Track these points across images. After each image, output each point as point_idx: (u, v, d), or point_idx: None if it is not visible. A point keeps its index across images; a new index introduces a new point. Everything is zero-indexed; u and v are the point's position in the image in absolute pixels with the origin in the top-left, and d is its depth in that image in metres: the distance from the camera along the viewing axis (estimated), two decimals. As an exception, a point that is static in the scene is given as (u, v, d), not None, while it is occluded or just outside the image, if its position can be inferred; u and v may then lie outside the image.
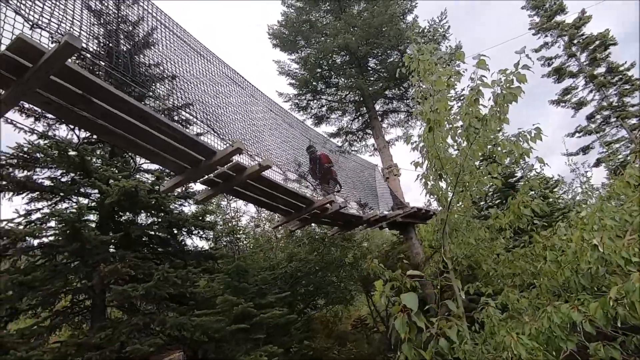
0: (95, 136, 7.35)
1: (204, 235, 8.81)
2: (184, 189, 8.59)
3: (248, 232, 12.24)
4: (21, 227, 6.54)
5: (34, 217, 6.81)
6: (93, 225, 7.33)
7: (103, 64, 3.94)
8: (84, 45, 3.30)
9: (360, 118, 13.55)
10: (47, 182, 6.96)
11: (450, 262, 4.40)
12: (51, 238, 6.70)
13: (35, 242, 6.68)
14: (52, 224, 6.59)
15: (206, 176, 3.92)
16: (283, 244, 11.78)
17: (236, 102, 5.87)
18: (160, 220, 7.95)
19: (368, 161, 12.61)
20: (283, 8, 12.58)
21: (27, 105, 7.09)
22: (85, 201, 7.40)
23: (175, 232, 8.38)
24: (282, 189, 5.62)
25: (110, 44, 5.00)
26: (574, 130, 20.84)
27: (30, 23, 2.29)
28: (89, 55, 3.46)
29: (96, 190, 7.19)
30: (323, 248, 10.45)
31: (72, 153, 6.74)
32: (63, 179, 7.21)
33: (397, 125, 13.89)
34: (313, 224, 10.69)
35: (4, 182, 6.37)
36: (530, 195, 5.10)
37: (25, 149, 6.71)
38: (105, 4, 4.54)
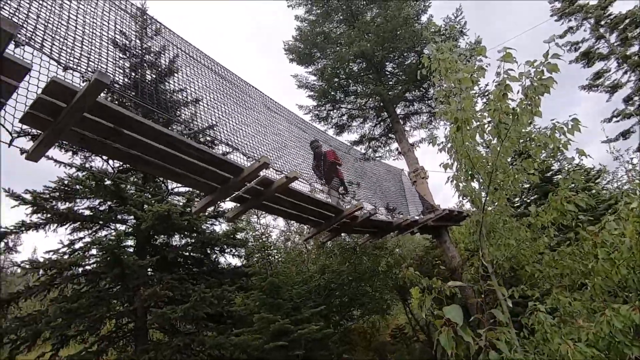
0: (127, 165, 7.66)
1: (236, 253, 8.92)
2: (214, 208, 8.78)
3: (279, 246, 12.28)
4: (66, 256, 6.87)
5: (76, 246, 7.17)
6: (131, 250, 7.60)
7: (131, 93, 4.10)
8: (112, 78, 3.45)
9: (381, 123, 13.41)
10: (87, 212, 7.32)
11: (491, 265, 4.19)
12: (93, 265, 6.99)
13: (80, 270, 6.99)
14: (94, 251, 6.90)
15: (235, 193, 3.96)
16: (314, 255, 11.71)
17: (257, 118, 5.95)
18: (193, 240, 8.13)
19: (393, 166, 12.42)
20: (297, 23, 12.77)
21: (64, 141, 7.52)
22: (123, 227, 7.70)
23: (208, 251, 8.54)
24: (309, 200, 5.59)
25: (136, 75, 5.21)
26: (610, 115, 19.66)
27: (63, 65, 2.40)
28: (117, 86, 3.62)
29: (132, 217, 7.47)
30: (355, 258, 10.29)
31: (107, 182, 7.06)
32: (101, 208, 7.56)
33: (420, 127, 13.62)
34: (343, 234, 10.60)
35: (49, 215, 6.75)
36: (573, 189, 4.79)
37: (66, 182, 7.10)
38: (130, 39, 4.76)
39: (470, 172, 4.25)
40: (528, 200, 11.40)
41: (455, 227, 10.82)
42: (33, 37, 2.39)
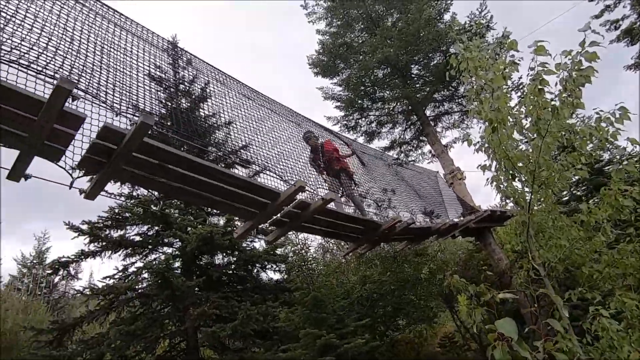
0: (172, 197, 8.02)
1: (277, 268, 9.06)
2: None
3: (318, 260, 12.33)
4: (121, 281, 7.35)
5: (130, 270, 7.64)
6: (178, 271, 7.97)
7: (168, 123, 4.35)
8: (155, 116, 3.70)
9: (411, 127, 13.20)
10: (137, 238, 7.80)
11: (543, 268, 3.97)
12: (146, 288, 7.40)
13: (134, 293, 7.43)
14: (145, 275, 7.32)
15: (274, 218, 4.06)
16: (353, 266, 11.62)
17: (288, 136, 6.07)
18: (235, 259, 8.39)
19: (428, 169, 12.14)
20: (318, 37, 13.00)
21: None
22: (170, 250, 8.11)
23: (250, 268, 8.76)
24: (347, 217, 5.60)
25: (172, 104, 5.52)
26: (663, 94, 18.09)
27: (114, 110, 2.62)
28: (158, 121, 3.86)
29: (177, 240, 7.85)
30: (396, 266, 10.10)
31: (154, 208, 7.50)
32: (149, 233, 8.03)
33: (452, 127, 13.26)
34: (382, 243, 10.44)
35: (104, 243, 7.28)
36: (628, 182, 4.45)
37: (117, 211, 7.63)
38: (164, 71, 5.07)
39: (510, 172, 4.09)
40: (578, 193, 10.68)
41: (500, 227, 10.35)
42: (87, 88, 2.63)
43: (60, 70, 2.59)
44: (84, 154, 2.66)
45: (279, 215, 4.03)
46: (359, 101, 12.48)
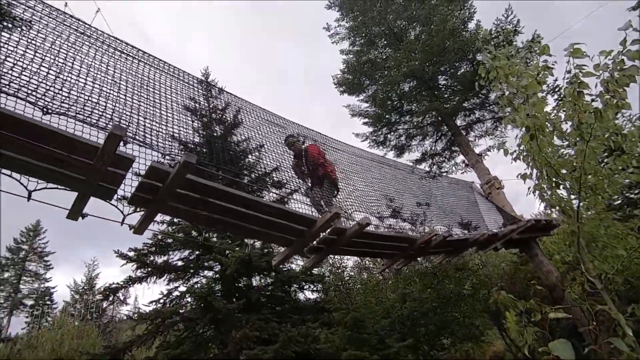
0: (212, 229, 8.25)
1: (314, 289, 9.03)
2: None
3: (355, 278, 12.15)
4: (166, 305, 7.63)
5: (174, 295, 7.93)
6: (219, 294, 8.15)
7: (203, 149, 4.56)
8: (185, 139, 3.92)
9: (442, 138, 12.96)
10: (180, 263, 8.11)
11: (599, 281, 3.70)
12: (189, 312, 7.62)
13: (178, 317, 7.67)
14: (188, 299, 7.55)
15: (311, 244, 4.11)
16: (391, 283, 11.33)
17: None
18: (273, 280, 8.47)
19: (462, 180, 11.78)
20: (342, 57, 13.25)
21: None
22: (210, 274, 8.35)
23: (288, 289, 8.79)
24: (382, 236, 5.55)
25: (207, 132, 5.79)
26: None
27: (159, 151, 2.82)
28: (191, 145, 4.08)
29: (217, 263, 8.08)
30: (436, 283, 9.74)
31: (194, 234, 7.81)
32: (191, 258, 8.33)
33: (485, 135, 12.87)
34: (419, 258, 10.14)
35: (150, 269, 7.63)
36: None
37: (160, 237, 8.01)
38: (198, 102, 5.35)
39: (554, 180, 3.92)
40: (633, 197, 9.92)
41: (546, 237, 9.77)
42: (135, 133, 2.86)
43: (112, 117, 2.85)
44: (133, 193, 2.88)
45: (314, 242, 4.07)
46: (387, 116, 12.47)
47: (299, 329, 7.51)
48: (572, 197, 3.90)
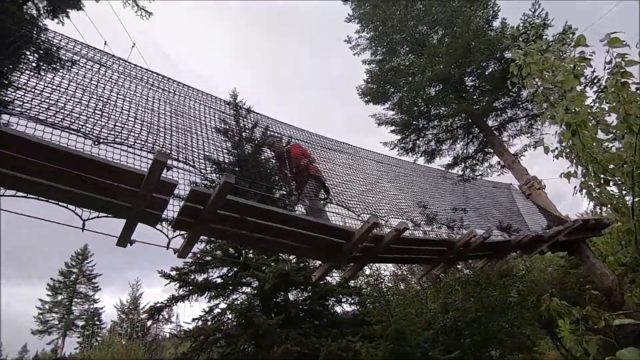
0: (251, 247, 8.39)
1: (352, 301, 8.91)
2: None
3: (393, 289, 11.88)
4: (208, 323, 7.81)
5: (215, 312, 8.10)
6: (258, 310, 8.24)
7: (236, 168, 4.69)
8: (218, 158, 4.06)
9: (474, 140, 12.56)
10: (219, 280, 8.31)
11: (664, 283, 3.41)
12: (230, 328, 7.75)
13: (220, 334, 7.82)
14: (229, 315, 7.69)
15: (350, 255, 4.09)
16: (432, 293, 10.97)
17: (346, 169, 6.16)
18: (310, 294, 8.46)
19: (498, 182, 11.32)
20: (365, 67, 13.30)
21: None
22: (248, 290, 8.48)
23: (326, 302, 8.74)
24: (420, 241, 5.43)
25: (238, 151, 5.95)
26: None
27: (203, 174, 2.96)
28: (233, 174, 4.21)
29: (254, 279, 8.19)
30: (479, 291, 9.32)
31: (231, 251, 8.00)
32: (229, 274, 8.51)
33: (519, 134, 12.35)
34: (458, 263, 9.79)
35: (191, 287, 7.88)
36: None
37: (199, 256, 8.26)
38: (229, 123, 5.54)
39: (602, 176, 3.69)
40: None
41: (597, 237, 9.14)
42: (177, 157, 3.01)
43: (154, 144, 3.03)
44: (176, 217, 3.01)
45: (354, 252, 4.04)
46: (414, 122, 12.29)
47: (339, 343, 7.42)
48: (625, 193, 3.66)
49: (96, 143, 2.69)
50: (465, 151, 12.79)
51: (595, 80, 8.60)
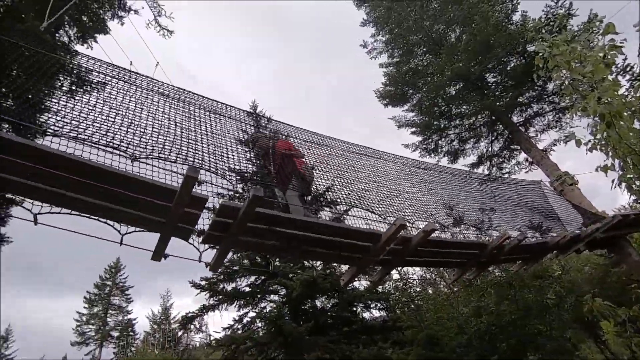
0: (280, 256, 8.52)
1: (380, 306, 8.80)
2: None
3: (422, 294, 11.63)
4: (239, 331, 7.90)
5: (244, 320, 8.20)
6: (287, 317, 8.27)
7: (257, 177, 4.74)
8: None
9: (499, 137, 12.22)
10: (247, 289, 8.41)
11: None
12: (260, 337, 7.81)
13: (251, 342, 7.89)
14: (259, 324, 7.77)
15: (377, 258, 4.06)
16: (463, 297, 10.65)
17: (370, 174, 6.12)
18: (337, 301, 8.42)
19: (527, 180, 10.93)
20: (382, 70, 13.25)
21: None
22: (276, 298, 8.54)
23: (354, 308, 8.66)
24: (450, 244, 5.32)
25: (260, 162, 6.02)
26: None
27: (233, 185, 3.02)
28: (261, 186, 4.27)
29: (281, 287, 8.24)
30: (513, 293, 8.98)
31: (257, 260, 8.09)
32: (257, 283, 8.60)
33: (547, 129, 11.90)
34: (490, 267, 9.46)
35: (221, 297, 8.01)
36: None
37: (226, 265, 8.39)
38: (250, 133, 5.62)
39: (641, 168, 3.53)
40: None
41: (638, 234, 8.66)
42: (208, 167, 3.10)
43: (186, 159, 3.14)
44: (207, 232, 3.08)
45: (381, 255, 4.00)
46: (435, 122, 12.10)
47: (370, 349, 7.32)
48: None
49: (132, 161, 2.80)
50: (490, 149, 12.45)
51: (628, 69, 8.20)
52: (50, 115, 2.96)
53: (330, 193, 4.82)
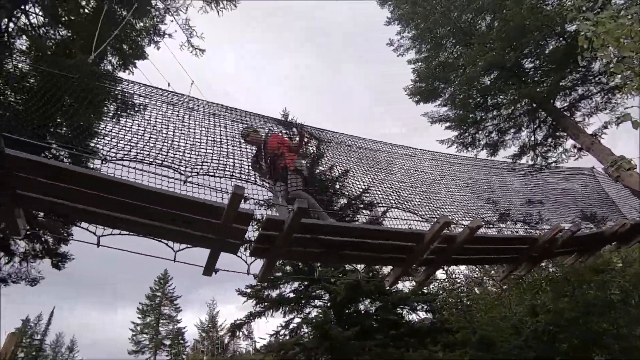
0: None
1: (427, 308, 8.57)
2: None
3: (472, 294, 11.17)
4: (286, 337, 8.02)
5: (290, 326, 8.30)
6: (333, 322, 8.27)
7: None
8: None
9: (542, 125, 11.56)
10: (291, 295, 8.52)
11: None
12: (307, 342, 7.87)
13: (299, 347, 7.97)
14: (305, 329, 7.83)
15: (421, 258, 3.97)
16: (515, 295, 10.09)
17: (409, 174, 6.00)
18: (382, 303, 8.31)
19: (577, 167, 10.24)
20: (411, 66, 12.99)
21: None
22: (320, 303, 8.56)
23: (400, 311, 8.50)
24: (497, 239, 5.09)
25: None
26: None
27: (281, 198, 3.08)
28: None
29: (325, 291, 8.26)
30: (572, 289, 8.39)
31: (300, 266, 8.18)
32: (300, 288, 8.70)
33: (596, 112, 11.09)
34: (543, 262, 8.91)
35: (266, 303, 8.17)
36: None
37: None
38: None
39: None
40: None
41: None
42: (254, 181, 3.20)
43: (233, 174, 3.26)
44: (253, 245, 3.17)
45: (425, 254, 3.92)
46: (471, 115, 11.66)
47: (419, 352, 7.13)
48: None
49: (184, 182, 2.94)
50: (532, 139, 11.81)
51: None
52: (116, 142, 3.19)
53: (367, 195, 4.79)
